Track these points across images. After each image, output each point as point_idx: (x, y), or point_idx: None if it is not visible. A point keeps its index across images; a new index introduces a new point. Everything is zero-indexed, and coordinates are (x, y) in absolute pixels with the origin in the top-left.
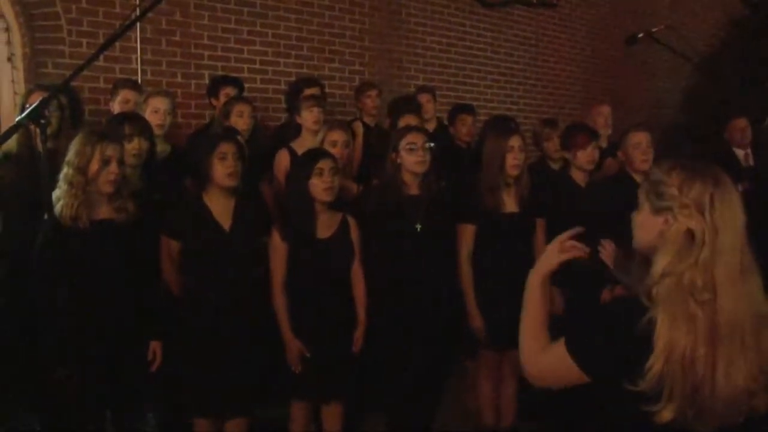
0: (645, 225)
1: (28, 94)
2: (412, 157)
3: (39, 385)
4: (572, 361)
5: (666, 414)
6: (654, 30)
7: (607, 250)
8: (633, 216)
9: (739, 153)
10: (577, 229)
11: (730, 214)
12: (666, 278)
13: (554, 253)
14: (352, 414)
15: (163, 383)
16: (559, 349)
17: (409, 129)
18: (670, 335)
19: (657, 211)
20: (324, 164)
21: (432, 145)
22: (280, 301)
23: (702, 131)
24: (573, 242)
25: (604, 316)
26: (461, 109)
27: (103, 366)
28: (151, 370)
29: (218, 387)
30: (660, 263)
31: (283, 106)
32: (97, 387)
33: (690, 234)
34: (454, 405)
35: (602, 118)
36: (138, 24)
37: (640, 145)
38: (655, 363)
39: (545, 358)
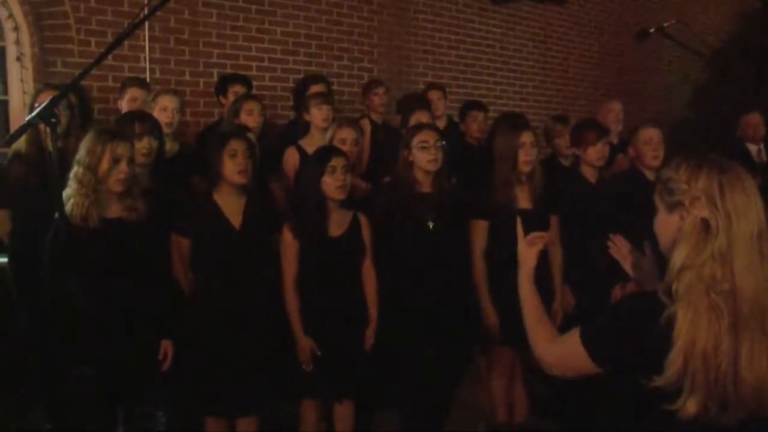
0: (664, 225)
1: (37, 93)
2: (425, 155)
3: (50, 383)
4: (584, 351)
5: (690, 408)
6: (665, 25)
7: (618, 246)
8: (654, 221)
9: (752, 148)
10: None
11: (742, 199)
12: (685, 272)
13: (526, 250)
14: (364, 412)
15: (174, 382)
16: (573, 338)
17: (421, 127)
18: (691, 331)
19: (671, 208)
20: (337, 162)
21: (444, 143)
22: (292, 299)
23: (713, 126)
24: (534, 234)
25: (621, 311)
26: (472, 105)
27: (114, 365)
28: (162, 369)
29: (228, 386)
30: (677, 257)
31: (292, 103)
32: (108, 386)
33: (705, 224)
34: (467, 402)
35: (613, 114)
36: (146, 22)
37: (651, 141)
38: (676, 359)
39: (559, 346)
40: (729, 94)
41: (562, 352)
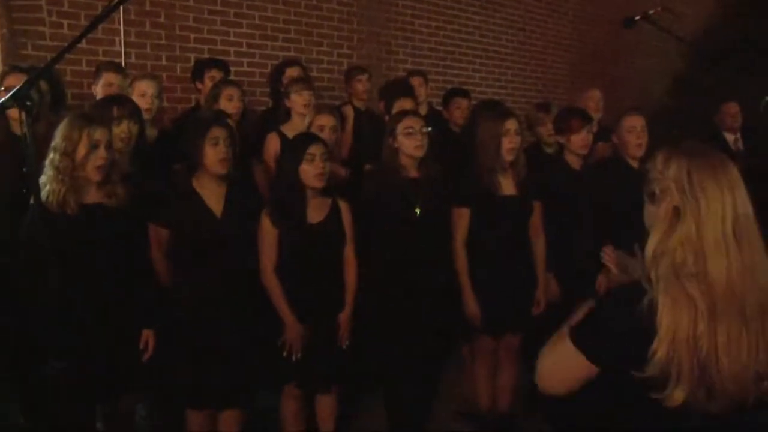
0: (648, 215)
1: (3, 76)
2: (411, 141)
3: (27, 377)
4: (577, 351)
5: (677, 396)
6: (651, 12)
7: (609, 256)
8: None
9: (729, 137)
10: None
11: (712, 185)
12: (660, 259)
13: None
14: (348, 400)
15: (155, 374)
16: (563, 342)
17: (405, 113)
18: (672, 317)
19: (650, 198)
20: (315, 150)
21: (429, 129)
22: (274, 286)
23: (691, 115)
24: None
25: (606, 303)
26: (456, 92)
27: (94, 356)
28: (143, 360)
29: (211, 378)
30: (650, 244)
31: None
32: (87, 380)
33: (676, 212)
34: (451, 390)
35: (592, 102)
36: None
37: (634, 129)
38: (660, 347)
39: (551, 357)
40: (707, 83)
41: (556, 363)
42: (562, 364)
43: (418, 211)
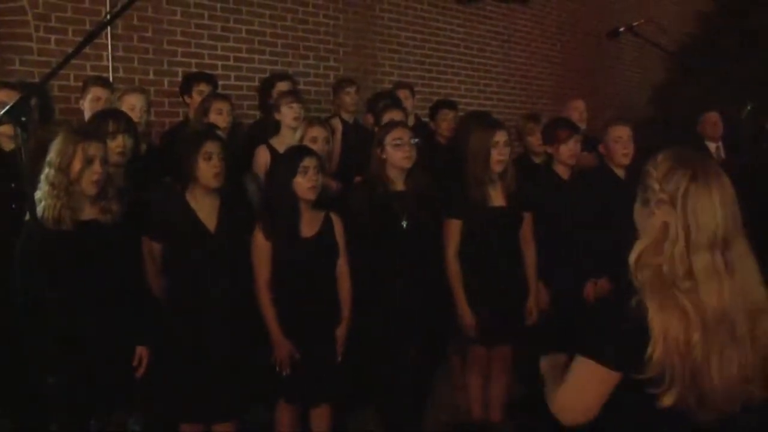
0: (638, 215)
1: None
2: (399, 152)
3: (19, 391)
4: (599, 366)
5: (667, 399)
6: (635, 24)
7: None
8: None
9: (711, 146)
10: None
11: (705, 209)
12: (644, 267)
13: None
14: (341, 411)
15: (147, 387)
16: (580, 364)
17: (394, 124)
18: (662, 320)
19: (643, 203)
20: (309, 162)
21: (417, 140)
22: (266, 301)
23: (673, 124)
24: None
25: (602, 307)
26: (443, 104)
27: (87, 371)
28: (137, 376)
29: (205, 391)
30: (636, 249)
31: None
32: (81, 395)
33: (666, 227)
34: (443, 401)
35: (577, 112)
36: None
37: (621, 139)
38: (655, 349)
39: (568, 386)
40: (688, 92)
41: (575, 386)
42: (581, 389)
43: (404, 223)
